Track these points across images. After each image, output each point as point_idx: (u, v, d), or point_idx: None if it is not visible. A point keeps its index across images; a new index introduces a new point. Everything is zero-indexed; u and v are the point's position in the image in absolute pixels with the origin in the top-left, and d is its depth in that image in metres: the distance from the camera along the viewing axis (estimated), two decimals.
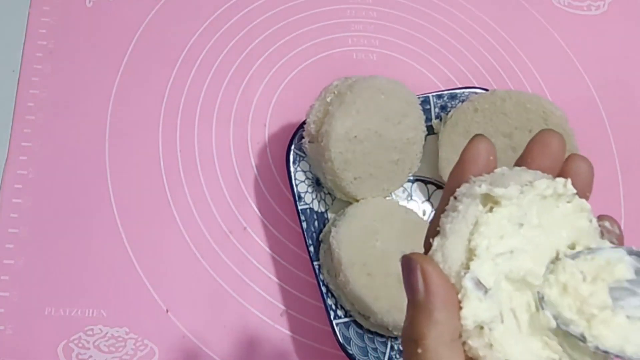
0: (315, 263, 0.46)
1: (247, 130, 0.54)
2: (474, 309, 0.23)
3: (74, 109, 0.53)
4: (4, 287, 0.46)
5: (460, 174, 0.26)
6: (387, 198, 0.50)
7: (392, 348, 0.45)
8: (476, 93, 0.52)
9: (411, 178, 0.52)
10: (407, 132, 0.48)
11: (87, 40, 0.55)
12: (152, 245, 0.49)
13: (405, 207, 0.49)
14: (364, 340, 0.44)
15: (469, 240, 0.24)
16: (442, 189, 0.52)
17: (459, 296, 0.23)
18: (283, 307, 0.48)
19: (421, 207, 0.52)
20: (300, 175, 0.48)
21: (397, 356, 0.45)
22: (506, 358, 0.23)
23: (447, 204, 0.26)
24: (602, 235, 0.26)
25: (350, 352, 0.43)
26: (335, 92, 0.46)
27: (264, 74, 0.56)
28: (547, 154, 0.27)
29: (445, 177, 0.50)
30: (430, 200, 0.52)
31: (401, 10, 0.61)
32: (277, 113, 0.55)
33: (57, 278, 0.47)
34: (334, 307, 0.44)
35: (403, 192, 0.52)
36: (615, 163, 0.57)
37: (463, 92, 0.52)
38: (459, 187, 0.26)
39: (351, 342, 0.44)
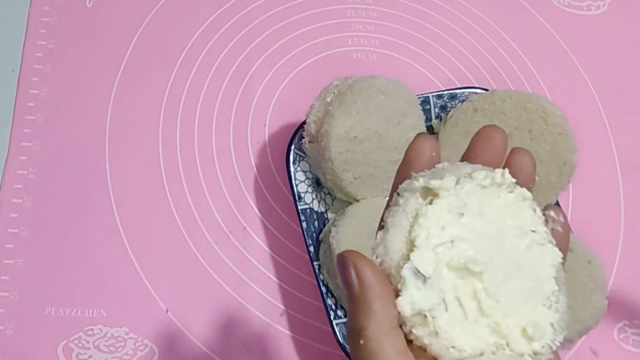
0: (315, 263, 0.46)
1: (247, 130, 0.54)
2: (411, 297, 0.23)
3: (74, 109, 0.53)
4: (4, 287, 0.46)
5: (405, 172, 0.27)
6: (387, 198, 0.50)
7: None
8: (476, 93, 0.52)
9: None
10: (407, 132, 0.48)
11: (87, 40, 0.55)
12: (152, 245, 0.49)
13: None
14: None
15: (409, 232, 0.25)
16: None
17: (399, 286, 0.24)
18: (283, 307, 0.48)
19: None
20: (300, 175, 0.48)
21: None
22: (452, 345, 0.23)
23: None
24: (546, 223, 0.26)
25: None
26: (335, 92, 0.46)
27: (264, 74, 0.56)
28: (490, 148, 0.27)
29: None
30: None
31: (401, 10, 0.61)
32: (277, 113, 0.55)
33: (57, 278, 0.47)
34: (334, 307, 0.44)
35: None
36: (615, 163, 0.57)
37: (463, 92, 0.52)
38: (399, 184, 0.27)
39: None
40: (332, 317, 0.44)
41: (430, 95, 0.52)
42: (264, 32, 0.58)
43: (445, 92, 0.52)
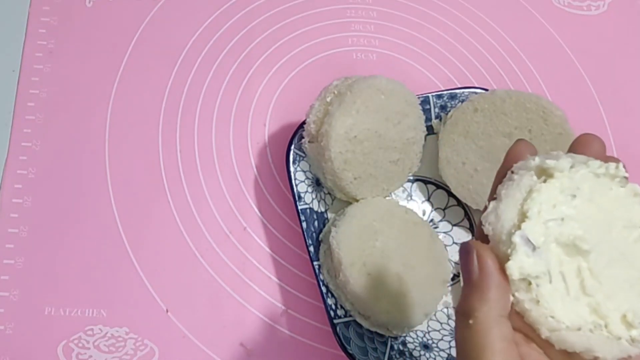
0: (315, 263, 0.46)
1: (247, 130, 0.54)
2: (520, 262, 0.24)
3: (74, 109, 0.53)
4: (4, 287, 0.46)
5: (505, 170, 0.28)
6: (387, 198, 0.50)
7: (392, 348, 0.45)
8: (476, 93, 0.52)
9: (411, 178, 0.52)
10: (407, 132, 0.48)
11: (87, 40, 0.55)
12: (152, 245, 0.49)
13: (405, 207, 0.49)
14: (364, 340, 0.44)
15: (522, 205, 0.26)
16: (442, 188, 0.52)
17: (508, 251, 0.25)
18: (283, 307, 0.48)
19: (421, 207, 0.52)
20: (300, 175, 0.48)
21: (397, 356, 0.45)
22: (552, 315, 0.24)
23: (496, 187, 0.28)
24: None
25: (350, 352, 0.43)
26: (335, 92, 0.46)
27: (264, 74, 0.56)
28: (589, 154, 0.28)
29: (445, 177, 0.50)
30: (430, 200, 0.52)
31: (401, 10, 0.61)
32: (277, 113, 0.55)
33: (57, 278, 0.47)
34: (334, 307, 0.44)
35: (403, 192, 0.52)
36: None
37: (463, 92, 0.52)
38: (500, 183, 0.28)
39: (351, 342, 0.44)
40: (332, 317, 0.44)
41: (430, 95, 0.52)
42: (264, 32, 0.58)
43: (445, 92, 0.52)
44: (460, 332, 0.25)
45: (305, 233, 0.46)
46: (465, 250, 0.26)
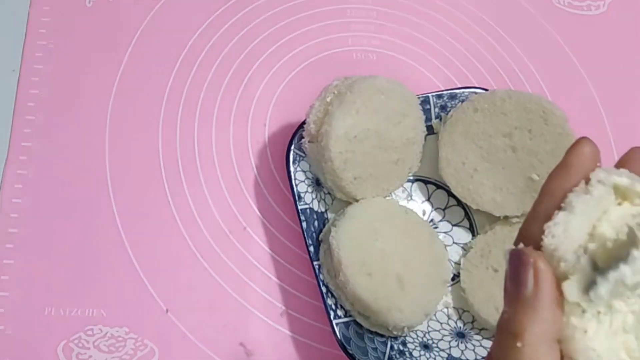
0: (315, 263, 0.46)
1: (247, 130, 0.54)
2: (581, 285, 0.23)
3: (74, 109, 0.53)
4: (4, 287, 0.46)
5: (564, 178, 0.26)
6: (387, 198, 0.50)
7: (392, 348, 0.45)
8: (476, 93, 0.52)
9: (411, 178, 0.52)
10: (407, 132, 0.48)
11: (87, 40, 0.55)
12: (152, 245, 0.49)
13: (405, 207, 0.49)
14: (364, 340, 0.44)
15: (594, 226, 0.24)
16: (442, 188, 0.52)
17: (570, 269, 0.23)
18: (283, 307, 0.48)
19: (421, 207, 0.52)
20: (300, 175, 0.48)
21: (397, 356, 0.45)
22: (594, 348, 0.23)
23: (541, 205, 0.26)
24: None
25: (350, 352, 0.43)
26: (335, 92, 0.46)
27: (264, 74, 0.56)
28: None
29: (445, 177, 0.50)
30: (430, 200, 0.52)
31: (401, 10, 0.61)
32: (277, 113, 0.55)
33: (57, 278, 0.47)
34: (334, 307, 0.44)
35: (403, 192, 0.52)
36: (615, 163, 0.57)
37: (463, 92, 0.52)
38: (561, 187, 0.26)
39: (351, 342, 0.44)
40: (332, 317, 0.44)
41: (430, 95, 0.52)
42: (264, 32, 0.58)
43: (445, 92, 0.52)
44: (503, 352, 0.23)
45: (305, 233, 0.46)
46: (519, 259, 0.23)
